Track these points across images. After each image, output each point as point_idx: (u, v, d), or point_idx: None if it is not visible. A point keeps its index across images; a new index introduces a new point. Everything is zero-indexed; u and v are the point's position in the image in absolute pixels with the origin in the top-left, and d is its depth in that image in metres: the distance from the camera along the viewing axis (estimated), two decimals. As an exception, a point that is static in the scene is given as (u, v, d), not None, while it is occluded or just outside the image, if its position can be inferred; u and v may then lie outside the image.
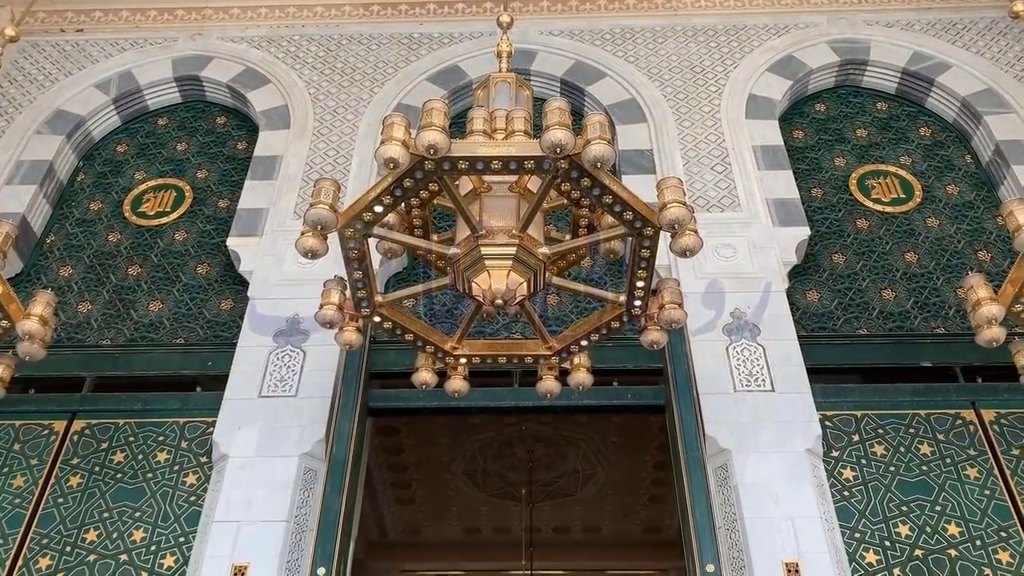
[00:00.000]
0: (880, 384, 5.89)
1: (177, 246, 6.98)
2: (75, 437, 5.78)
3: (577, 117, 4.25)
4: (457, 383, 4.70)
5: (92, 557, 5.22)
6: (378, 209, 3.71)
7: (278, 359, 5.78)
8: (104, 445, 5.72)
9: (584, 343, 4.54)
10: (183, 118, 8.07)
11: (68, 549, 5.25)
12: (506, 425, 8.91)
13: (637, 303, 4.23)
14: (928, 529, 5.16)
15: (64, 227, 7.20)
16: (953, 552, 5.08)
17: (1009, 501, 5.27)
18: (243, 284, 6.42)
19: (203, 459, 5.58)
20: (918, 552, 5.08)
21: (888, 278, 6.47)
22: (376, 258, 5.13)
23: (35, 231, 7.05)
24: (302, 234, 3.77)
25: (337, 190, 3.76)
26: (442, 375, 4.74)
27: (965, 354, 5.86)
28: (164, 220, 7.18)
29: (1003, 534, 5.14)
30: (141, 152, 7.78)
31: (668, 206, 3.63)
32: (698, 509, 5.18)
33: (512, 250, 3.80)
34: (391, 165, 3.45)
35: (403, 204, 4.00)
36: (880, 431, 5.59)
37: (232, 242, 6.60)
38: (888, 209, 6.94)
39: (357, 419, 5.68)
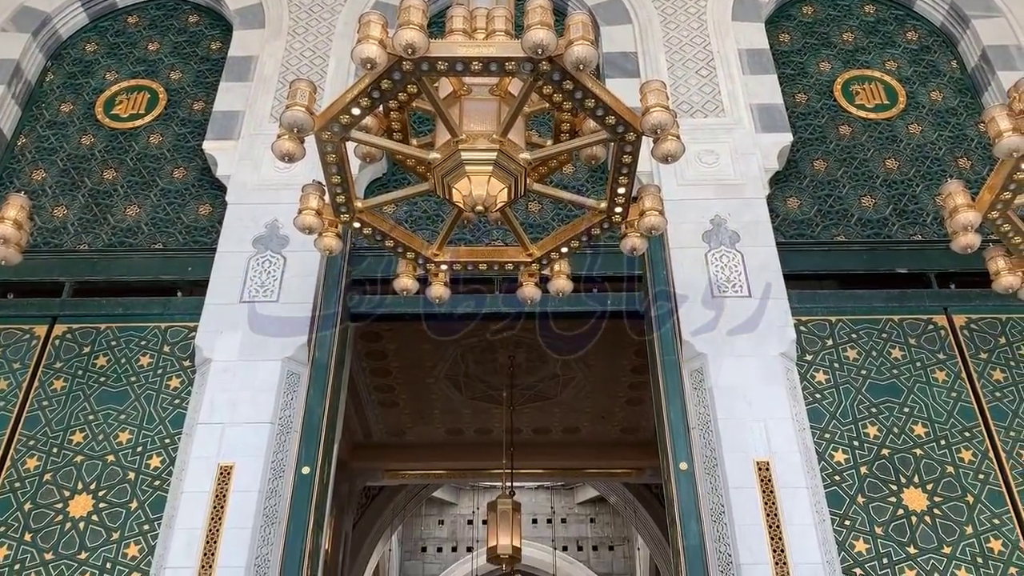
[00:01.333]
0: (855, 290, 5.98)
1: (152, 149, 6.85)
2: (57, 341, 5.79)
3: (560, 17, 4.16)
4: (438, 289, 4.73)
5: (79, 458, 5.31)
6: (355, 111, 3.65)
7: (258, 265, 5.77)
8: (86, 349, 5.75)
9: (565, 250, 4.56)
10: (154, 16, 7.80)
11: (55, 451, 5.34)
12: (488, 332, 9.01)
13: (618, 210, 4.23)
14: (896, 430, 5.34)
15: (35, 130, 7.04)
16: (918, 451, 5.26)
17: (974, 403, 5.44)
18: (221, 189, 6.34)
19: (186, 363, 5.62)
20: (885, 451, 5.26)
21: (868, 185, 6.48)
22: (355, 163, 5.09)
23: (5, 134, 6.89)
24: (278, 137, 3.71)
25: (313, 92, 3.68)
26: (423, 281, 4.76)
27: (940, 261, 5.95)
28: (138, 123, 7.03)
29: (967, 434, 5.32)
30: (111, 52, 7.54)
31: (651, 110, 3.59)
32: (673, 410, 5.31)
33: (493, 155, 3.77)
34: (368, 65, 3.38)
35: (381, 107, 3.93)
36: (853, 336, 5.70)
37: (208, 146, 6.50)
38: (871, 115, 6.90)
39: (339, 324, 5.72)
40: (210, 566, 4.67)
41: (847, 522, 5.01)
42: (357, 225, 4.29)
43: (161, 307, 5.93)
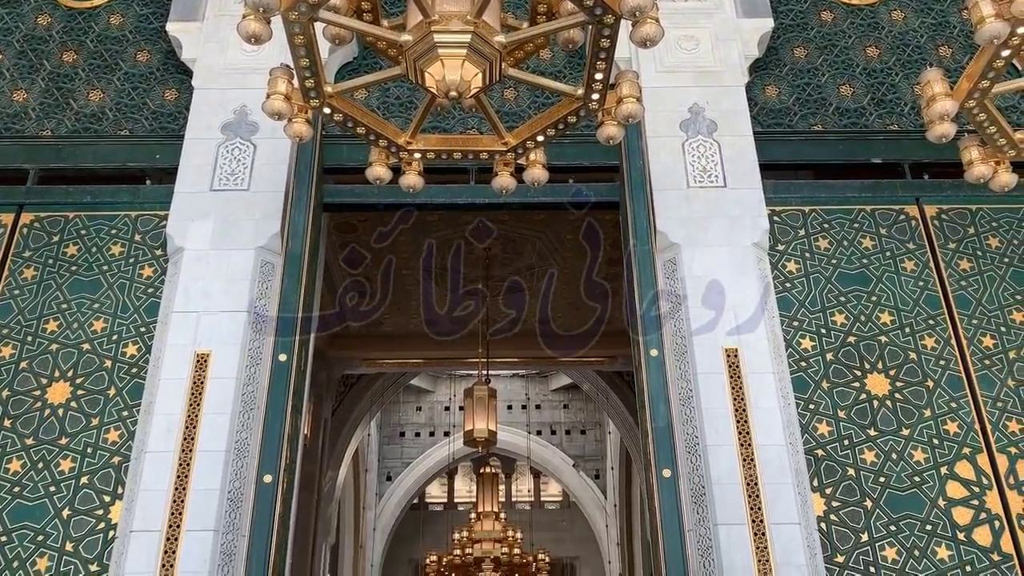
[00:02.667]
0: (830, 180, 6.00)
1: (113, 31, 6.58)
2: (24, 230, 5.70)
3: None
4: (412, 178, 4.66)
5: (54, 347, 5.31)
6: (324, -10, 3.50)
7: (228, 152, 5.66)
8: (55, 238, 5.67)
9: (540, 138, 4.48)
10: None
11: (29, 339, 5.34)
12: (463, 222, 8.98)
13: (595, 96, 4.14)
14: (863, 318, 5.46)
15: (-12, 9, 6.72)
16: (883, 338, 5.40)
17: (940, 291, 5.56)
18: (187, 73, 6.15)
19: (158, 252, 5.58)
20: (851, 339, 5.39)
21: (847, 74, 6.40)
22: (324, 46, 4.92)
23: (-44, 13, 6.59)
24: (244, 18, 3.56)
25: (279, -32, 3.52)
26: (397, 171, 4.69)
27: (915, 151, 5.95)
28: (97, 1, 6.72)
29: (931, 322, 5.46)
30: (64, -75, 7.13)
31: (629, -8, 3.47)
32: (646, 299, 5.38)
33: (467, 38, 3.65)
34: (336, -59, 3.22)
35: (351, -14, 3.78)
36: (826, 226, 5.75)
37: (172, 27, 6.25)
38: (855, 1, 6.75)
39: (312, 214, 5.66)
40: (190, 450, 4.77)
41: (811, 406, 5.17)
42: (327, 111, 4.18)
43: (130, 195, 5.83)
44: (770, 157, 5.84)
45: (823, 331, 5.39)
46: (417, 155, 4.56)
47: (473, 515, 12.39)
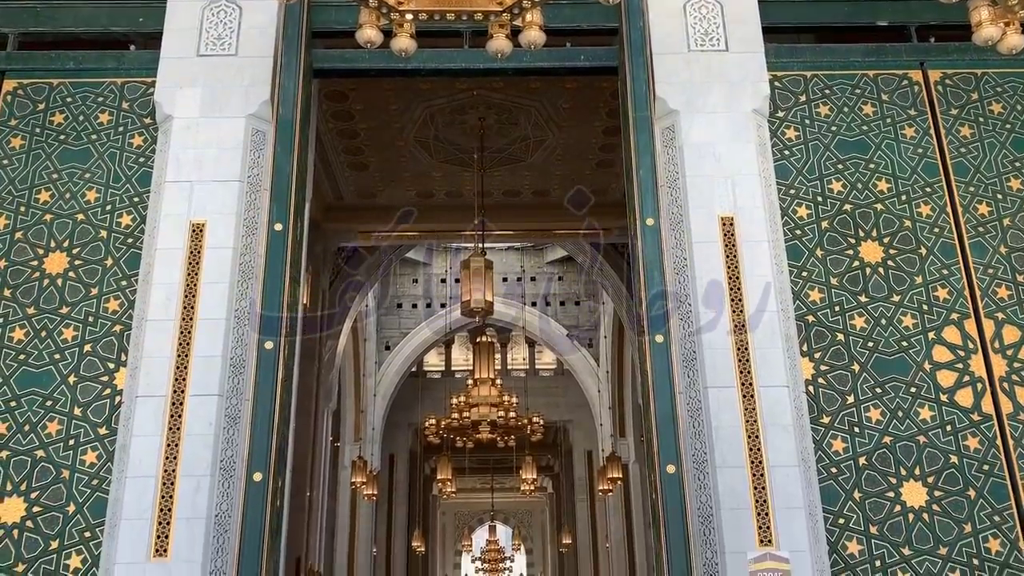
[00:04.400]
0: (833, 44, 5.84)
1: None
2: (8, 98, 5.57)
3: None
4: (403, 41, 4.51)
5: (48, 216, 5.29)
6: None
7: (213, 15, 5.46)
8: (41, 106, 5.55)
9: (537, -3, 4.33)
10: None
11: (23, 209, 5.31)
12: (457, 91, 8.77)
13: (593, -48, 3.98)
14: (860, 185, 5.44)
15: None
16: (879, 206, 5.40)
17: (939, 159, 5.52)
18: (165, -70, 5.85)
19: (147, 120, 5.47)
20: (847, 207, 5.39)
21: (857, -70, 6.12)
22: (310, -102, 4.68)
23: None
24: None
25: None
26: (388, 35, 4.54)
27: (922, 13, 5.77)
28: None
29: (928, 189, 5.44)
30: None
31: None
32: (643, 168, 5.33)
33: None
34: None
35: None
36: (827, 91, 5.64)
37: None
38: None
39: (302, 79, 5.51)
40: (191, 318, 4.83)
41: (804, 274, 5.23)
42: (315, -32, 4.02)
43: (115, 61, 5.67)
44: (773, 20, 5.67)
45: (819, 199, 5.38)
46: (409, 16, 4.40)
47: (470, 381, 12.69)
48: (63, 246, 5.22)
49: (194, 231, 4.97)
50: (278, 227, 5.15)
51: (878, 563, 4.69)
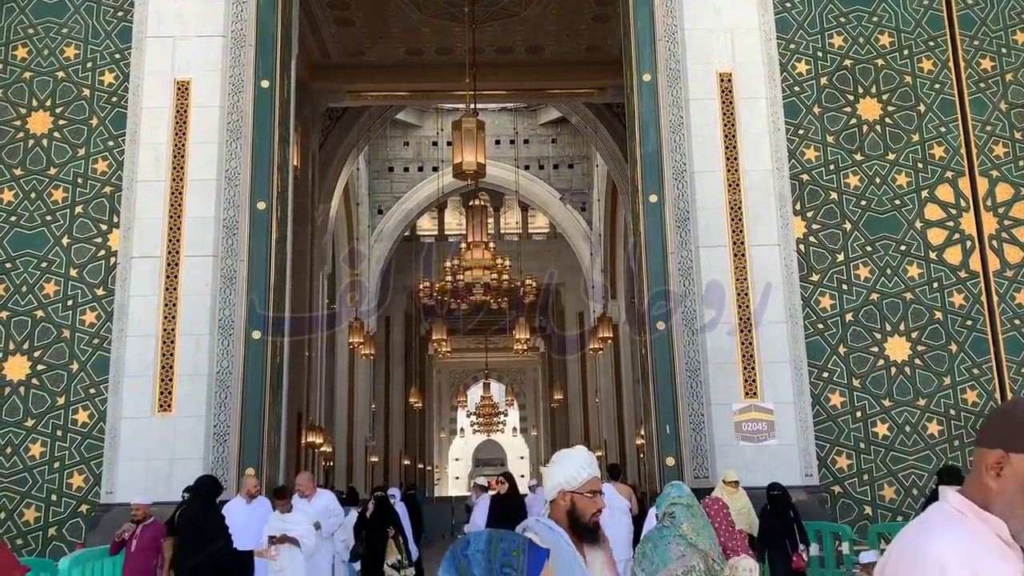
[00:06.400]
0: None
1: None
2: (-25, -53, 5.30)
3: None
4: None
5: (27, 75, 5.14)
6: None
7: None
8: (10, -44, 5.28)
9: None
10: None
11: (1, 67, 5.15)
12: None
13: None
14: (861, 40, 5.29)
15: None
16: (880, 62, 5.27)
17: (944, 10, 5.34)
18: None
19: (122, -29, 5.23)
20: (847, 62, 5.26)
21: None
22: None
23: None
24: None
25: None
26: None
27: None
28: None
29: (931, 43, 5.30)
30: None
31: None
32: (640, 19, 5.16)
33: None
34: None
35: None
36: (833, -61, 5.40)
37: None
38: None
39: (283, -74, 5.25)
40: (181, 179, 4.79)
41: (800, 131, 5.16)
42: None
43: (83, -94, 5.35)
44: None
45: (819, 54, 5.25)
46: None
47: (463, 245, 12.71)
48: (45, 105, 5.10)
49: (179, 89, 4.85)
50: (264, 84, 5.02)
51: (859, 414, 4.87)
